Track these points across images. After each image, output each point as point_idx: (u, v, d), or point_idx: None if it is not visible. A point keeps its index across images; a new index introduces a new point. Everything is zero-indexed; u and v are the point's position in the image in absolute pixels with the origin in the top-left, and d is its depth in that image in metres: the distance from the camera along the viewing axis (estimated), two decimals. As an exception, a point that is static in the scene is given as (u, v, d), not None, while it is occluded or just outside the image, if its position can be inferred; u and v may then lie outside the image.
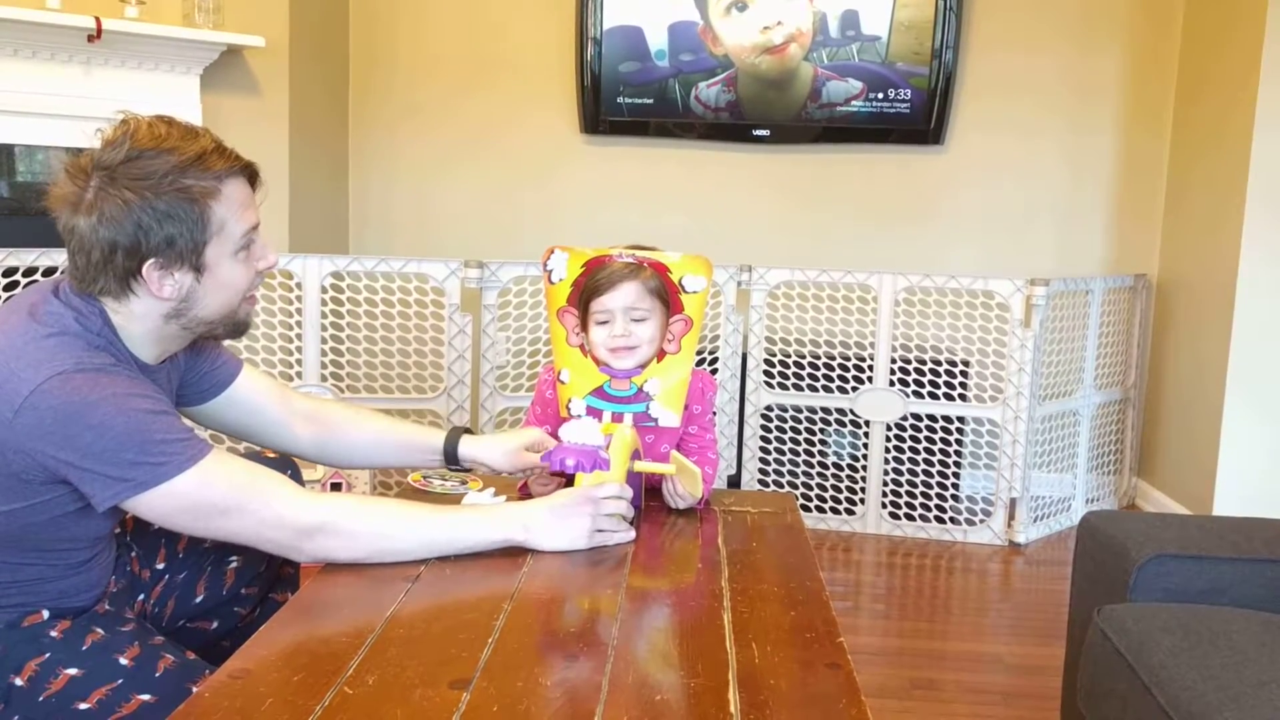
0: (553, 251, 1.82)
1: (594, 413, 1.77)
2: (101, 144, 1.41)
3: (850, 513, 3.57)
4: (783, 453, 3.60)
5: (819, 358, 3.55)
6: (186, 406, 1.67)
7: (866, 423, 3.53)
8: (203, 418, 1.71)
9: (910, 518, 3.55)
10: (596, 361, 1.79)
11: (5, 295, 2.94)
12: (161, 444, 1.36)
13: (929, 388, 3.49)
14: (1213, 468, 3.39)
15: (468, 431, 1.86)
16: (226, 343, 1.69)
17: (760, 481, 3.59)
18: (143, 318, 1.46)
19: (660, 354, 1.79)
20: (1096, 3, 3.90)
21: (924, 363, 3.52)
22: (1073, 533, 3.56)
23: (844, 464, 3.62)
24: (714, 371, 3.47)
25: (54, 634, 1.43)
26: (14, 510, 1.38)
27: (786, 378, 3.56)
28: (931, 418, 3.51)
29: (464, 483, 1.87)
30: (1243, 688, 1.41)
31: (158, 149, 1.39)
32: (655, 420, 1.78)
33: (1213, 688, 1.42)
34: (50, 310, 1.41)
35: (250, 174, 1.49)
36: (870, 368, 3.50)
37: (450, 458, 1.82)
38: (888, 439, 3.52)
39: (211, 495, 1.39)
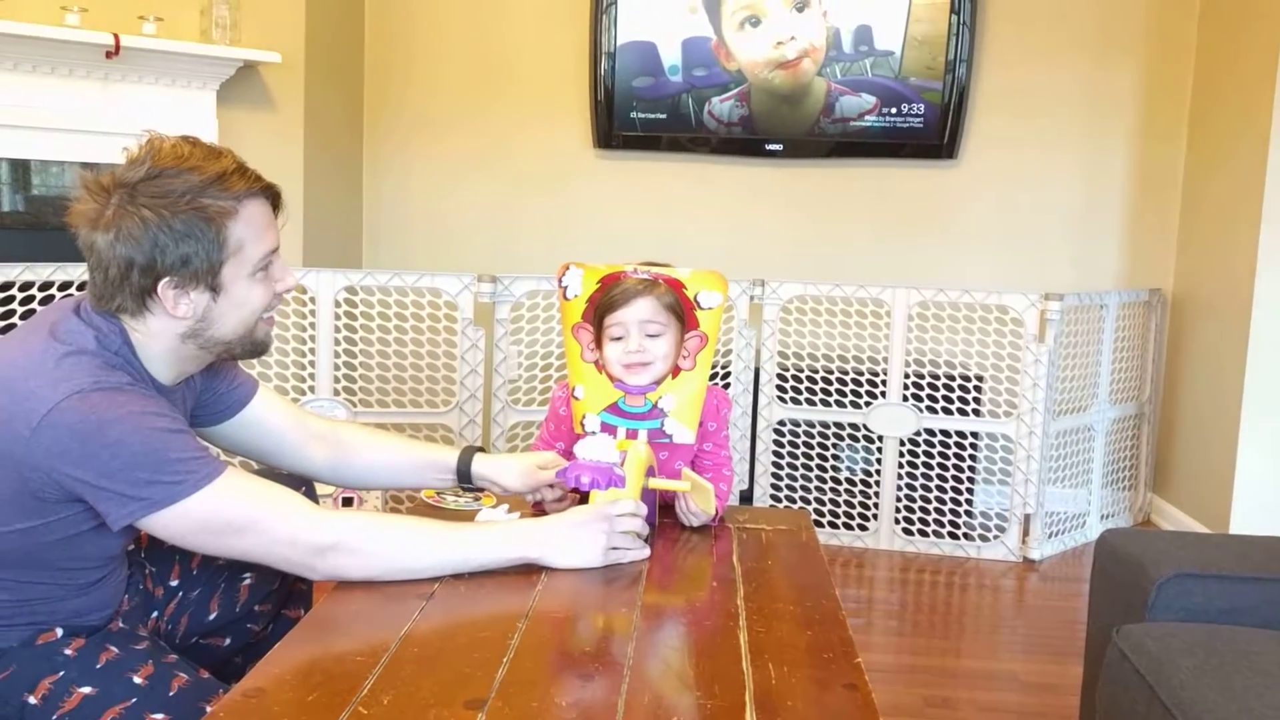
0: (568, 268, 1.82)
1: (608, 429, 1.76)
2: (125, 162, 1.42)
3: (863, 528, 3.56)
4: (795, 468, 3.59)
5: (832, 372, 3.54)
6: (202, 427, 1.67)
7: (880, 438, 3.51)
8: (217, 438, 1.71)
9: (924, 533, 3.53)
10: (611, 378, 1.79)
11: (22, 309, 2.96)
12: (177, 463, 1.36)
13: (943, 403, 3.48)
14: (1229, 484, 3.37)
15: (480, 450, 1.85)
16: (242, 361, 1.69)
17: (773, 497, 3.58)
18: (160, 336, 1.46)
19: (675, 370, 1.79)
20: (1110, 17, 3.90)
21: (937, 377, 3.50)
22: (1087, 549, 3.55)
23: (857, 479, 3.60)
24: (726, 386, 3.46)
25: (68, 652, 1.43)
26: (30, 528, 1.38)
27: (799, 392, 3.55)
28: (945, 433, 3.50)
29: (477, 499, 1.86)
30: (1266, 710, 1.39)
31: (179, 168, 1.40)
32: (670, 436, 1.77)
33: (1235, 710, 1.40)
34: (70, 328, 1.41)
35: (271, 196, 1.49)
36: (883, 382, 3.49)
37: (463, 477, 1.82)
38: (901, 454, 3.51)
39: (226, 514, 1.39)
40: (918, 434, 3.49)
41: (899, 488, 3.52)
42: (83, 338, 1.40)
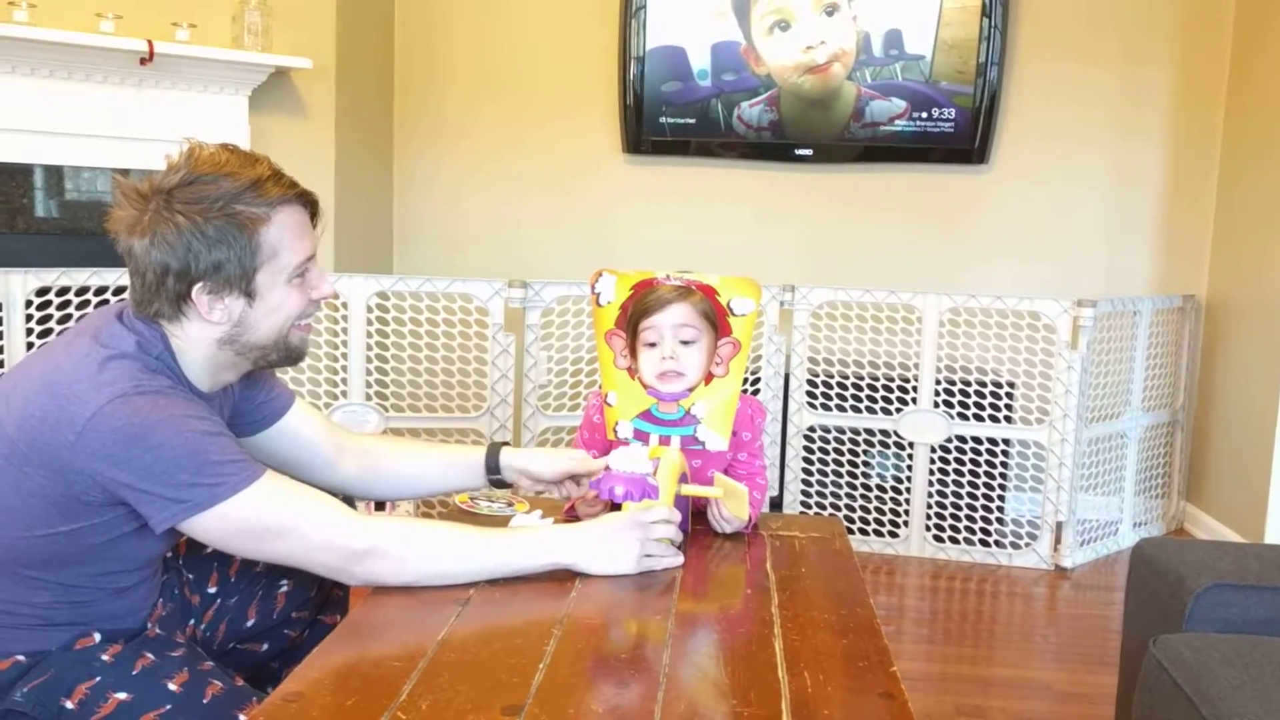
0: (601, 274, 1.82)
1: (641, 435, 1.76)
2: (165, 168, 1.44)
3: (894, 535, 3.54)
4: (825, 474, 3.58)
5: (862, 378, 3.53)
6: (237, 437, 1.67)
7: (910, 444, 3.50)
8: (252, 449, 1.71)
9: (955, 541, 3.51)
10: (644, 384, 1.78)
11: (59, 314, 2.99)
12: (217, 465, 1.37)
13: (974, 409, 3.46)
14: (1264, 492, 3.33)
15: (507, 445, 1.86)
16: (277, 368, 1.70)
17: (803, 503, 3.57)
18: (198, 342, 1.48)
19: (708, 377, 1.79)
20: (1143, 20, 3.87)
21: (969, 384, 3.48)
22: (1120, 557, 3.52)
23: (887, 486, 3.58)
24: (756, 392, 3.45)
25: (105, 657, 1.44)
26: (74, 530, 1.39)
27: (829, 398, 3.53)
28: (976, 439, 3.48)
29: (511, 504, 1.87)
30: (1307, 723, 1.37)
31: (215, 174, 1.42)
32: (703, 443, 1.77)
33: (1276, 722, 1.39)
34: (112, 333, 1.43)
35: (308, 203, 1.51)
36: (914, 389, 3.47)
37: (491, 470, 1.81)
38: (932, 461, 3.49)
39: (265, 518, 1.40)
40: (949, 440, 3.47)
41: (930, 494, 3.50)
42: (124, 342, 1.42)
